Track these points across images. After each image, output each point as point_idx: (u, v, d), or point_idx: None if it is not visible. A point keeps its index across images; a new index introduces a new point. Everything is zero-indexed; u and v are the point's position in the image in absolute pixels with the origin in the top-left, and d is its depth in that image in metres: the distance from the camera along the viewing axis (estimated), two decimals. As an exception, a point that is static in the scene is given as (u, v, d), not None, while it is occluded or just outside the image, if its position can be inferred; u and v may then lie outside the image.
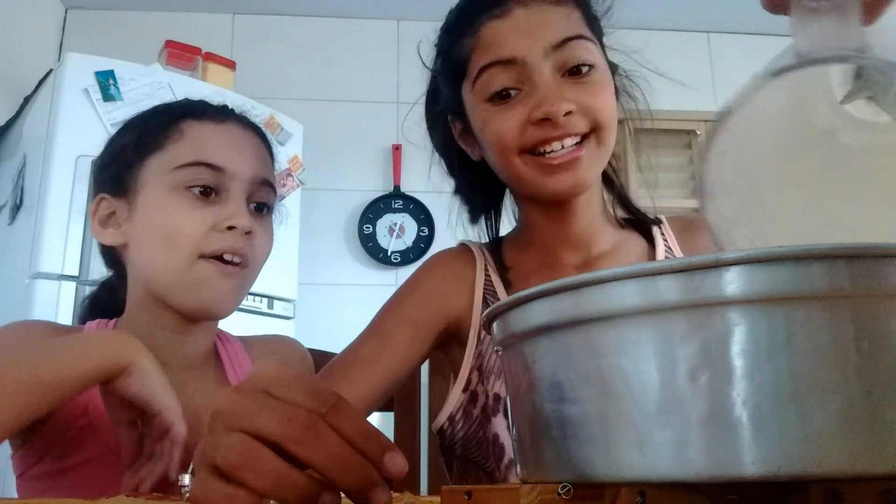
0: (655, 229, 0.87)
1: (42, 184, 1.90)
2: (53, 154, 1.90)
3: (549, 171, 0.73)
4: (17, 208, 2.06)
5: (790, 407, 0.27)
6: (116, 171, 0.79)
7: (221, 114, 0.83)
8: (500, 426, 0.77)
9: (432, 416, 0.89)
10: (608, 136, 0.74)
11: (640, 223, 0.89)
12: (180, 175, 0.76)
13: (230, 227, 0.75)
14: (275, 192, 0.84)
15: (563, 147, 0.72)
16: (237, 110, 0.86)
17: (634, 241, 0.87)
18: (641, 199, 0.91)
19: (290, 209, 0.97)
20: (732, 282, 0.28)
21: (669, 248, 0.86)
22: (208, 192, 0.76)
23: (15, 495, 0.75)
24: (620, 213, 0.89)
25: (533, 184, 0.75)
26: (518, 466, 0.38)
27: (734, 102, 0.37)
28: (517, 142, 0.73)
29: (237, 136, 0.81)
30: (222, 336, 0.90)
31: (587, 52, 0.74)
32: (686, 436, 0.28)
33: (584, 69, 0.74)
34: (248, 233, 0.76)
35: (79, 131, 1.92)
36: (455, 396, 0.81)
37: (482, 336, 0.81)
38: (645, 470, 0.29)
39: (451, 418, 0.82)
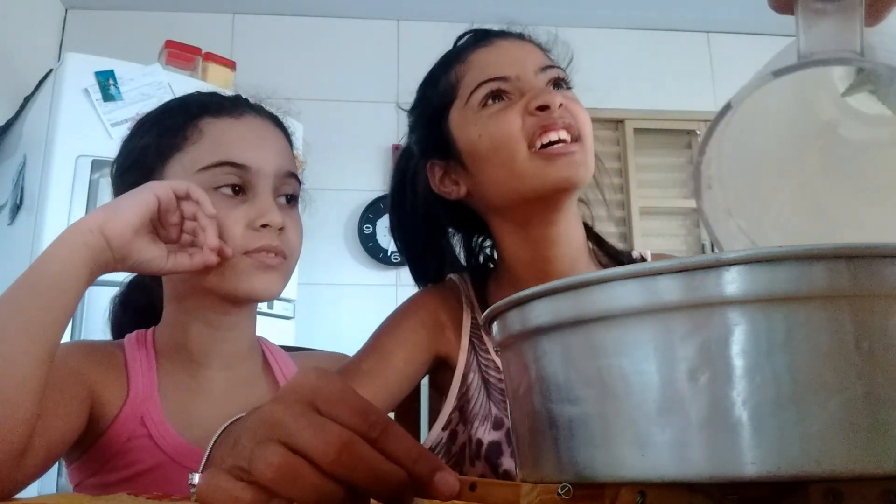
0: None
1: (42, 184, 1.90)
2: (53, 154, 1.90)
3: (551, 159, 0.75)
4: (17, 208, 2.06)
5: (790, 407, 0.27)
6: (138, 176, 0.77)
7: (238, 107, 0.81)
8: (484, 471, 0.78)
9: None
10: (591, 145, 0.79)
11: (619, 261, 0.88)
12: (206, 177, 0.75)
13: (264, 225, 0.75)
14: (299, 182, 0.83)
15: (560, 141, 0.76)
16: (251, 101, 0.85)
17: None
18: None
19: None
20: (732, 282, 0.28)
21: None
22: (237, 191, 0.76)
23: None
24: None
25: (535, 177, 0.76)
26: (518, 466, 0.38)
27: (734, 98, 0.38)
28: (520, 132, 0.76)
29: (257, 129, 0.80)
30: (265, 342, 0.89)
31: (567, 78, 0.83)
32: (686, 436, 0.28)
33: (567, 85, 0.82)
34: (280, 228, 0.77)
35: (79, 131, 1.92)
36: (435, 433, 0.83)
37: (471, 379, 0.82)
38: (645, 470, 0.29)
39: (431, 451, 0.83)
